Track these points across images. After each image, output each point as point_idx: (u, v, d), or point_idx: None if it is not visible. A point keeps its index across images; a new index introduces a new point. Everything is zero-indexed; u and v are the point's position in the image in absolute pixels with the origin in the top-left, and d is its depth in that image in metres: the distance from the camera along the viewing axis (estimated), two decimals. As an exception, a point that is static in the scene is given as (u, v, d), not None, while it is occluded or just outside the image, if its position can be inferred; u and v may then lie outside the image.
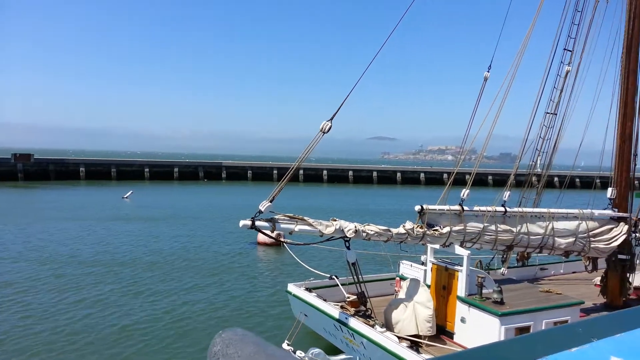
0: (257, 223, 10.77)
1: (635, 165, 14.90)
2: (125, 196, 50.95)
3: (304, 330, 13.69)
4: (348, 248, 11.71)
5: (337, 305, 12.80)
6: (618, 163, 14.55)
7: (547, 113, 16.05)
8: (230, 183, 75.23)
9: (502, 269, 14.94)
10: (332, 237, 11.61)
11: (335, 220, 11.76)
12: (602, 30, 16.16)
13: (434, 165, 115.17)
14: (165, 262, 23.79)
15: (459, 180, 14.89)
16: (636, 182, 15.37)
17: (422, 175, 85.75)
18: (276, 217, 11.12)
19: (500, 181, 73.34)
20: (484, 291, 11.90)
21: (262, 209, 10.86)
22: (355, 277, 11.83)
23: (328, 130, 12.38)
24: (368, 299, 12.06)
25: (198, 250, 26.63)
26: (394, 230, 12.15)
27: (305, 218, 11.48)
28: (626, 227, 14.21)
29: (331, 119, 12.45)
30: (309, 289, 14.13)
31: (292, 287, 14.52)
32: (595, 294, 14.87)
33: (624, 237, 13.96)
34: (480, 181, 75.30)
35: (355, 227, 11.69)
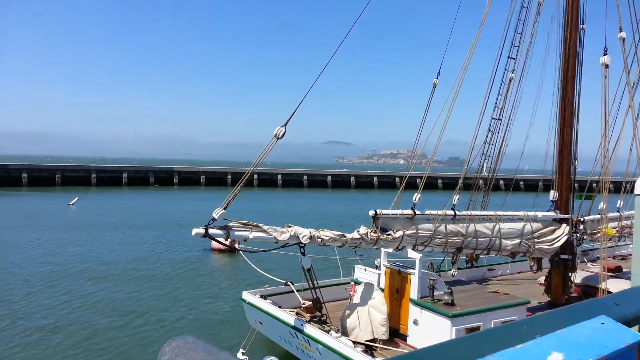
0: (211, 231, 10.59)
1: (575, 168, 15.71)
2: (70, 203, 48.77)
3: (259, 338, 13.55)
4: (303, 254, 11.72)
5: (293, 311, 12.77)
6: (559, 167, 15.31)
7: (493, 119, 16.72)
8: (183, 188, 73.57)
9: (452, 270, 15.38)
10: (288, 243, 11.57)
11: (290, 227, 11.73)
12: (543, 40, 17.00)
13: (386, 169, 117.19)
14: (115, 272, 22.94)
15: (411, 184, 15.23)
16: (576, 185, 16.22)
17: (375, 179, 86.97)
18: (230, 224, 10.97)
19: (449, 184, 75.43)
20: (435, 293, 12.19)
21: (216, 217, 10.70)
22: (310, 282, 11.85)
23: (282, 136, 12.36)
24: (323, 305, 12.10)
25: (149, 259, 25.84)
26: (349, 236, 12.26)
27: (260, 225, 11.39)
28: (568, 228, 14.95)
29: (285, 124, 12.44)
30: (264, 296, 14.01)
31: (246, 295, 14.35)
32: (540, 292, 15.55)
33: (565, 237, 14.68)
34: (430, 185, 77.15)
35: (310, 233, 11.71)
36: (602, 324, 1.89)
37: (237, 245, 13.72)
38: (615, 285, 13.62)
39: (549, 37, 16.49)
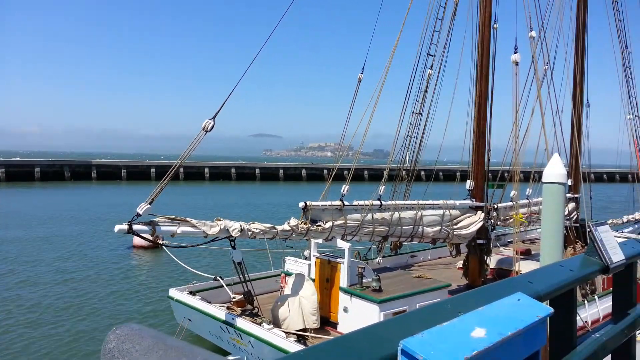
0: (135, 227, 10.20)
1: (489, 159, 16.79)
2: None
3: (188, 336, 13.30)
4: (233, 248, 11.63)
5: (223, 306, 12.64)
6: (474, 158, 16.30)
7: (414, 113, 17.44)
8: (102, 183, 69.64)
9: (378, 258, 15.94)
10: (217, 237, 11.42)
11: (220, 220, 11.59)
12: (460, 39, 17.93)
13: (314, 162, 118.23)
14: (29, 274, 21.37)
15: (339, 176, 15.55)
16: (490, 174, 17.32)
17: (303, 171, 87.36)
18: (156, 219, 10.63)
19: (374, 176, 77.49)
20: (363, 280, 12.61)
21: (141, 212, 10.32)
22: (241, 276, 11.80)
23: (211, 129, 12.17)
24: (255, 298, 12.10)
25: (66, 259, 24.31)
26: (279, 228, 12.32)
27: (188, 219, 11.14)
28: (483, 214, 15.98)
29: (213, 117, 12.24)
30: (192, 293, 13.73)
31: (173, 292, 13.98)
32: (459, 276, 16.53)
33: (481, 223, 15.70)
34: (357, 176, 78.84)
35: (241, 226, 11.63)
36: (519, 300, 2.01)
37: (160, 241, 13.28)
38: (526, 267, 14.78)
39: (465, 36, 17.45)
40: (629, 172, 24.80)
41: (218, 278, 13.72)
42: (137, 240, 24.30)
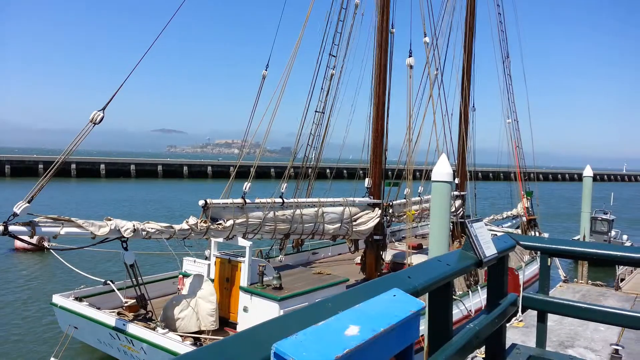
0: (12, 228, 9.24)
1: (386, 158, 17.52)
2: None
3: (74, 344, 12.32)
4: (126, 249, 10.98)
5: (114, 312, 11.86)
6: (372, 157, 16.93)
7: (317, 112, 17.70)
8: (-22, 180, 62.44)
9: (280, 256, 15.98)
10: (107, 238, 10.72)
11: (110, 220, 10.87)
12: (361, 40, 18.52)
13: (221, 159, 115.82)
14: None
15: (244, 173, 15.31)
16: (391, 172, 18.06)
17: (209, 168, 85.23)
18: (36, 219, 9.70)
19: (281, 173, 77.15)
20: (264, 279, 12.52)
21: (18, 212, 9.36)
22: (134, 279, 11.18)
23: (100, 121, 11.37)
24: (149, 302, 11.52)
25: None
26: (177, 227, 11.84)
27: (74, 219, 10.31)
28: (379, 211, 16.66)
29: (103, 108, 11.47)
30: (79, 298, 12.71)
31: (57, 298, 12.84)
32: (357, 271, 17.08)
33: (378, 220, 16.35)
34: (263, 174, 78.61)
35: (134, 226, 11.01)
36: (394, 295, 2.04)
37: (46, 244, 12.19)
38: (417, 260, 15.63)
39: (367, 39, 18.07)
40: (509, 171, 27.27)
41: (109, 282, 12.84)
42: (19, 243, 22.04)
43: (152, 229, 11.29)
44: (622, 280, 20.38)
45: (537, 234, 24.04)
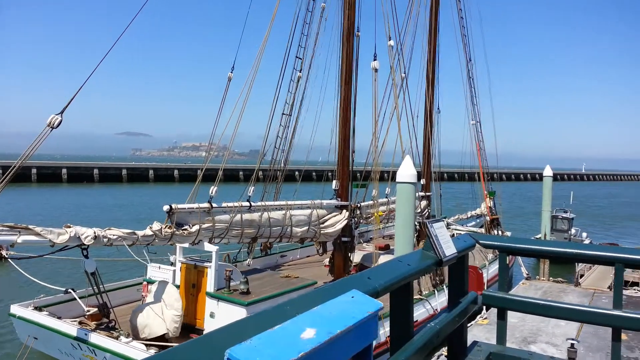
0: None
1: (353, 160, 17.63)
2: None
3: (34, 356, 11.87)
4: (86, 257, 10.68)
5: (75, 321, 11.50)
6: (340, 159, 17.01)
7: (284, 114, 17.66)
8: None
9: (248, 260, 15.85)
10: (67, 246, 10.41)
11: (70, 227, 10.56)
12: (327, 43, 18.60)
13: (188, 162, 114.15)
14: None
15: (212, 177, 15.13)
16: (359, 174, 18.14)
17: (176, 172, 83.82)
18: (-10, 227, 9.33)
19: (249, 176, 76.71)
20: (231, 284, 12.38)
21: (-31, 220, 8.97)
22: (95, 287, 10.88)
23: (58, 125, 11.07)
24: (111, 310, 11.23)
25: None
26: (140, 233, 11.59)
27: (31, 227, 9.97)
28: (347, 213, 16.74)
29: (62, 112, 11.18)
30: (38, 308, 12.27)
31: (16, 309, 12.36)
32: (326, 273, 17.10)
33: (345, 222, 16.43)
34: (232, 177, 77.90)
35: (95, 232, 10.74)
36: (353, 297, 2.05)
37: (4, 253, 11.72)
38: (384, 261, 15.77)
39: (331, 42, 18.14)
40: (473, 171, 27.90)
41: (70, 290, 12.43)
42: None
43: (113, 235, 11.03)
44: (581, 276, 21.13)
45: (500, 232, 24.65)
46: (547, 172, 25.77)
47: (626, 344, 12.98)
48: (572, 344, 8.19)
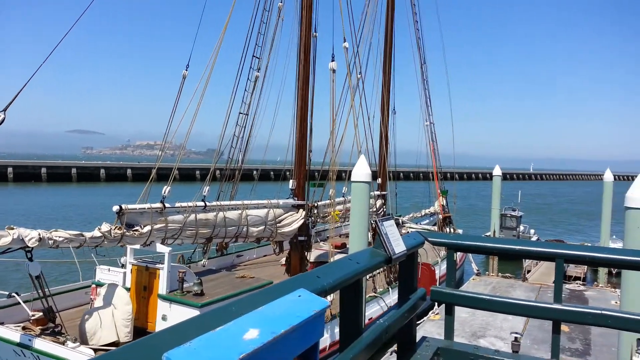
0: None
1: (310, 160, 17.66)
2: None
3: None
4: (30, 259, 10.22)
5: (19, 326, 10.96)
6: (297, 159, 17.00)
7: (241, 113, 17.47)
8: None
9: (203, 260, 15.59)
10: (10, 248, 9.93)
11: (13, 229, 10.09)
12: (285, 43, 18.56)
13: (142, 161, 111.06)
14: None
15: (167, 176, 14.78)
16: (316, 173, 18.15)
17: (129, 171, 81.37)
18: None
19: (206, 175, 75.68)
20: (185, 285, 12.14)
21: None
22: (40, 291, 10.41)
23: (1, 123, 10.62)
24: (57, 314, 10.77)
25: None
26: (88, 235, 11.20)
27: (-31, 230, 9.45)
28: (304, 212, 16.75)
29: (5, 109, 10.71)
30: None
31: None
32: (282, 272, 17.06)
33: (302, 221, 16.43)
34: (188, 176, 76.43)
35: (40, 234, 10.29)
36: (299, 296, 2.04)
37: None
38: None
39: (289, 41, 18.10)
40: (428, 170, 28.55)
41: (14, 294, 11.85)
42: None
43: (59, 237, 10.60)
44: (528, 272, 22.05)
45: (452, 230, 25.34)
46: (497, 171, 26.70)
47: (568, 336, 13.66)
48: (516, 338, 8.56)
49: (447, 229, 24.92)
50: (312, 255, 17.49)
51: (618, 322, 3.59)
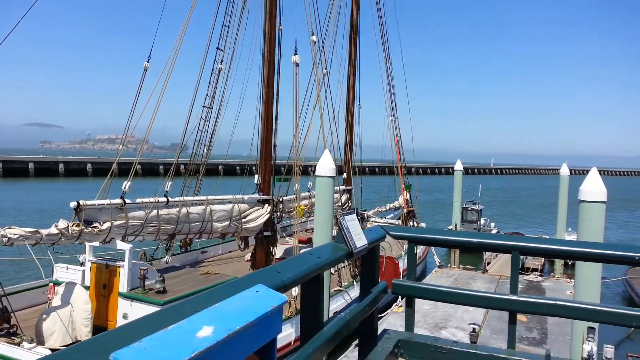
0: None
1: (275, 154, 17.55)
2: None
3: None
4: (-17, 258, 9.80)
5: None
6: (262, 153, 16.87)
7: (204, 107, 17.19)
8: None
9: (166, 257, 15.31)
10: (-40, 246, 9.50)
11: (-37, 226, 9.63)
12: (250, 36, 18.33)
13: (103, 156, 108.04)
14: None
15: (129, 171, 14.39)
16: (283, 168, 18.02)
17: (89, 166, 78.96)
18: None
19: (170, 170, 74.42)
20: (147, 283, 11.91)
21: None
22: (-7, 291, 10.00)
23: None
24: (12, 314, 10.38)
25: None
26: (44, 232, 10.79)
27: None
28: (269, 207, 16.66)
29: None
30: None
31: None
32: (247, 268, 16.95)
33: (267, 216, 16.34)
34: (151, 171, 74.81)
35: (-8, 232, 9.86)
36: (257, 292, 2.02)
37: None
38: None
39: (256, 34, 17.88)
40: (393, 165, 28.90)
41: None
42: None
43: (14, 234, 10.18)
44: (488, 264, 22.69)
45: (416, 224, 25.77)
46: (458, 166, 27.28)
47: (526, 325, 14.15)
48: (474, 329, 8.80)
49: (411, 223, 25.32)
50: (277, 251, 17.45)
51: (570, 311, 3.74)
